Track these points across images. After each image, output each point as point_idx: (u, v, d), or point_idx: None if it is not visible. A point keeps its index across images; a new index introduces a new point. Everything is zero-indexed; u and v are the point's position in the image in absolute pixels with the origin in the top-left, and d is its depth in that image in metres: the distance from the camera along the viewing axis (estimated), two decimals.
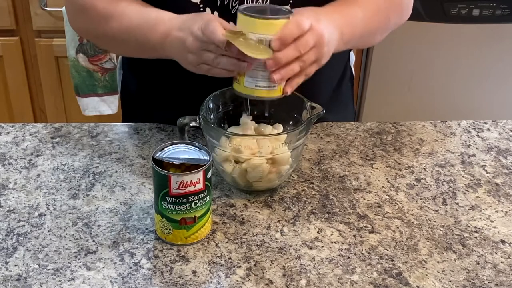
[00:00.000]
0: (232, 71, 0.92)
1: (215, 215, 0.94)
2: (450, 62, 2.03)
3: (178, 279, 0.83)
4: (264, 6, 0.99)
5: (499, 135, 1.16)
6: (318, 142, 1.12)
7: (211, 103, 1.00)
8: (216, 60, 0.91)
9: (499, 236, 0.92)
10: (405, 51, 1.99)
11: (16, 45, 2.02)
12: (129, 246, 0.88)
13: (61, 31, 1.93)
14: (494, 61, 2.03)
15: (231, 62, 0.90)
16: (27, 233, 0.90)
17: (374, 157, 1.08)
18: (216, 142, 0.94)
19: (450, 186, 1.02)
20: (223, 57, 0.90)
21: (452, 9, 1.92)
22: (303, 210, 0.96)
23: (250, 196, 0.98)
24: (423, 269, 0.86)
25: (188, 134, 1.11)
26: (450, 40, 1.98)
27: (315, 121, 0.98)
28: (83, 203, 0.96)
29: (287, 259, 0.87)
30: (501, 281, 0.85)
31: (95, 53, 1.94)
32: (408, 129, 1.16)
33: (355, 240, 0.90)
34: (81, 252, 0.87)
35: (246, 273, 0.84)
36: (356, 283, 0.83)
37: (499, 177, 1.05)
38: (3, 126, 1.13)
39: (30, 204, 0.95)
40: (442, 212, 0.97)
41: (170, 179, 0.83)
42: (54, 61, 2.05)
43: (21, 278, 0.83)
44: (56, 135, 1.11)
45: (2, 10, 1.95)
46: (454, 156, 1.10)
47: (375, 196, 0.99)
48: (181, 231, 0.87)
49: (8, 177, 1.01)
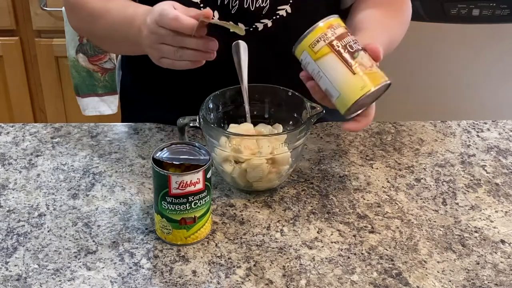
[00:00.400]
0: (197, 62, 0.91)
1: (215, 215, 0.94)
2: (450, 62, 2.02)
3: (178, 279, 0.83)
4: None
5: (499, 135, 1.16)
6: (318, 142, 1.12)
7: (211, 103, 1.00)
8: (178, 54, 0.90)
9: (499, 236, 0.92)
10: (405, 51, 1.98)
11: (16, 45, 2.02)
12: (129, 246, 0.88)
13: (61, 31, 1.93)
14: (494, 61, 2.02)
15: (195, 54, 0.89)
16: (27, 233, 0.90)
17: (374, 157, 1.08)
18: (216, 142, 0.94)
19: (450, 186, 1.02)
20: (184, 49, 0.89)
21: (452, 9, 1.92)
22: (303, 210, 0.96)
23: (250, 196, 0.98)
24: (423, 269, 0.86)
25: (188, 134, 1.11)
26: (450, 40, 1.98)
27: (315, 121, 0.98)
28: (83, 203, 0.96)
29: (287, 259, 0.87)
30: (501, 281, 0.84)
31: (95, 53, 1.94)
32: (408, 129, 1.16)
33: (355, 240, 0.90)
34: (81, 252, 0.87)
35: (246, 273, 0.84)
36: (356, 283, 0.83)
37: (499, 177, 1.05)
38: (3, 126, 1.13)
39: (30, 204, 0.95)
40: (442, 212, 0.97)
41: (170, 179, 0.83)
42: (54, 61, 2.05)
43: (21, 278, 0.83)
44: (56, 135, 1.11)
45: (2, 10, 1.95)
46: (454, 156, 1.10)
47: (375, 196, 0.99)
48: (181, 231, 0.87)
49: (8, 177, 1.01)
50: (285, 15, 1.07)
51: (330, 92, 0.89)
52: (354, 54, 0.88)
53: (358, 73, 0.87)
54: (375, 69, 0.89)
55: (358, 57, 0.88)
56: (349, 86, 0.88)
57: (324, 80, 0.89)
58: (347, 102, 0.88)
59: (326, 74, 0.88)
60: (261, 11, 1.06)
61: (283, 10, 1.06)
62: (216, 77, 1.03)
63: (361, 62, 0.88)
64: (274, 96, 1.02)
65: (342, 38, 0.88)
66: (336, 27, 0.89)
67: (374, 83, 0.88)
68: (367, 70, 0.88)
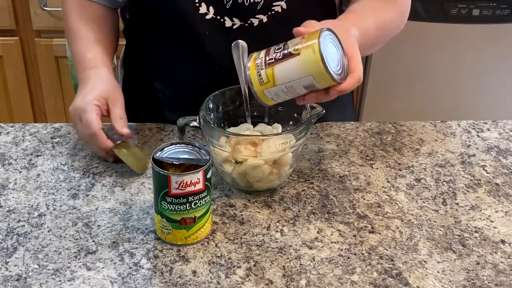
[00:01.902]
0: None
1: (215, 215, 0.94)
2: (450, 62, 2.02)
3: (178, 279, 0.83)
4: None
5: (499, 135, 1.16)
6: (318, 142, 1.12)
7: (211, 103, 1.00)
8: (89, 141, 1.01)
9: (499, 236, 0.92)
10: (405, 51, 1.99)
11: (16, 45, 2.02)
12: (129, 246, 0.88)
13: (61, 31, 1.91)
14: (494, 61, 2.02)
15: (100, 153, 1.02)
16: (27, 233, 0.90)
17: (374, 157, 1.08)
18: (216, 142, 0.94)
19: (450, 186, 1.02)
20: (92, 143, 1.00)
21: (452, 9, 1.92)
22: (303, 210, 0.96)
23: (250, 196, 0.98)
24: (423, 269, 0.86)
25: (188, 134, 1.11)
26: (450, 40, 1.98)
27: (315, 121, 0.98)
28: (83, 203, 0.96)
29: (287, 259, 0.87)
30: (501, 281, 0.84)
31: None
32: (408, 129, 1.16)
33: (355, 240, 0.90)
34: (81, 252, 0.87)
35: (246, 273, 0.84)
36: (356, 283, 0.83)
37: (499, 177, 1.05)
38: (3, 126, 1.13)
39: (30, 204, 0.95)
40: (442, 212, 0.97)
41: (170, 179, 0.83)
42: (54, 61, 2.05)
43: (21, 278, 0.83)
44: (56, 135, 1.11)
45: (2, 10, 1.95)
46: (454, 156, 1.10)
47: (375, 196, 0.99)
48: (181, 231, 0.87)
49: (8, 177, 1.01)
50: (280, 10, 1.07)
51: (309, 85, 0.88)
52: (285, 46, 0.89)
53: (300, 51, 0.87)
54: (305, 36, 0.88)
55: (289, 45, 0.88)
56: (307, 65, 0.86)
57: (296, 85, 0.89)
58: (322, 74, 0.86)
59: (290, 81, 0.88)
60: (256, 6, 1.06)
61: (278, 6, 1.06)
62: (216, 77, 1.03)
63: (294, 45, 0.88)
64: None
65: (268, 53, 0.89)
66: (258, 54, 0.90)
67: (315, 40, 0.86)
68: (302, 43, 0.87)
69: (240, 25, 1.06)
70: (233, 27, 1.07)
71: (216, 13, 1.05)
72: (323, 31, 0.87)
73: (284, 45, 0.89)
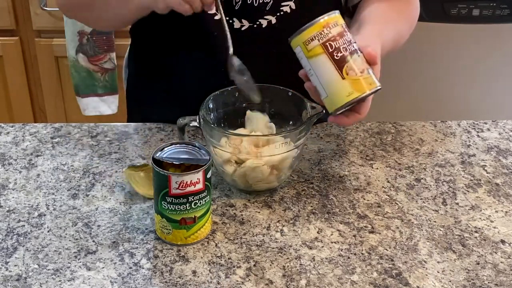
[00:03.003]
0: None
1: (215, 215, 0.94)
2: (450, 62, 2.02)
3: (178, 279, 0.83)
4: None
5: (499, 135, 1.16)
6: (318, 142, 1.12)
7: (211, 103, 1.00)
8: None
9: (499, 236, 0.92)
10: (405, 51, 1.98)
11: (16, 45, 2.02)
12: (129, 246, 0.88)
13: (61, 31, 1.93)
14: (494, 61, 2.02)
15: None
16: (27, 233, 0.90)
17: (374, 157, 1.08)
18: (216, 142, 0.94)
19: (450, 186, 1.02)
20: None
21: (452, 9, 1.92)
22: (303, 210, 0.96)
23: (250, 196, 0.98)
24: (423, 269, 0.86)
25: (188, 134, 1.11)
26: (450, 40, 1.98)
27: (315, 121, 0.98)
28: (83, 203, 0.96)
29: (287, 259, 0.87)
30: (501, 281, 0.84)
31: (95, 53, 1.94)
32: (408, 129, 1.16)
33: (355, 240, 0.90)
34: (81, 252, 0.87)
35: (246, 273, 0.84)
36: (356, 283, 0.83)
37: (499, 177, 1.04)
38: (3, 126, 1.13)
39: (30, 204, 0.95)
40: (442, 212, 0.97)
41: (170, 179, 0.83)
42: (54, 61, 2.05)
43: (21, 278, 0.83)
44: (56, 135, 1.11)
45: (2, 10, 1.95)
46: (454, 156, 1.10)
47: (375, 196, 0.99)
48: (181, 231, 0.87)
49: (8, 177, 1.01)
50: (289, 11, 1.07)
51: (319, 91, 0.90)
52: (347, 58, 0.87)
53: (347, 78, 0.87)
54: (366, 74, 0.88)
55: (350, 61, 0.87)
56: (337, 90, 0.88)
57: (314, 78, 0.90)
58: (333, 105, 0.89)
59: (316, 73, 0.89)
60: (265, 7, 1.05)
61: (287, 6, 1.06)
62: (221, 78, 1.03)
63: (353, 67, 0.87)
64: (274, 96, 1.02)
65: (337, 39, 0.88)
66: (333, 26, 0.88)
67: (362, 91, 0.88)
68: (357, 75, 0.87)
69: (249, 26, 1.06)
70: (242, 29, 1.06)
71: (225, 15, 1.05)
72: (374, 89, 0.88)
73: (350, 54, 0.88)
